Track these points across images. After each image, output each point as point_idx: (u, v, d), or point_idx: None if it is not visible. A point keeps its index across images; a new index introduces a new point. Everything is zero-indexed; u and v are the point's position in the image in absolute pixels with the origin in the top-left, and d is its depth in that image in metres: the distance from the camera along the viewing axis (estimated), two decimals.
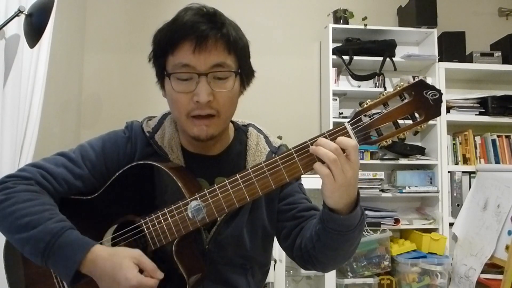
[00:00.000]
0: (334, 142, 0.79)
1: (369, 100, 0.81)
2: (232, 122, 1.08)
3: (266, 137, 1.09)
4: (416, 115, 0.80)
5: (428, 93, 0.79)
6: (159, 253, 0.89)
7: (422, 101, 0.79)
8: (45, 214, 0.87)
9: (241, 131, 1.09)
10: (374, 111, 0.82)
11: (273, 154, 1.04)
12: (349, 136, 0.81)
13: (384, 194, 2.91)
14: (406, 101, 0.80)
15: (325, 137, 0.82)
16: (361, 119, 0.81)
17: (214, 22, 0.89)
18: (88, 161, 0.98)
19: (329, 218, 0.85)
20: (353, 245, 0.92)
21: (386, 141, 0.82)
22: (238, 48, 0.93)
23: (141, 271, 0.83)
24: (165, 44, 0.91)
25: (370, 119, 0.81)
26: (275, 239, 1.09)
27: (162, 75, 0.95)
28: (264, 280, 1.11)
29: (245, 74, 0.98)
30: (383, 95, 0.81)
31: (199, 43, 0.87)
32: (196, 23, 0.88)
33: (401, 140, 0.83)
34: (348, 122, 0.82)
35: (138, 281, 0.81)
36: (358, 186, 0.84)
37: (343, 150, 0.78)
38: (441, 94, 0.79)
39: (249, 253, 1.01)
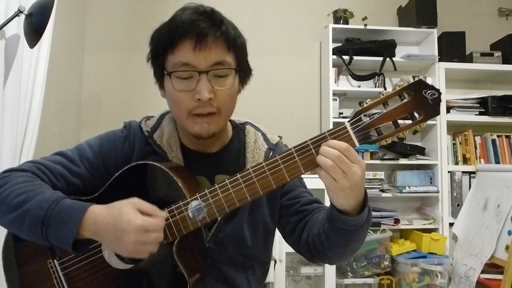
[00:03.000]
0: (324, 147, 0.79)
1: (369, 99, 0.82)
2: (230, 120, 1.09)
3: (263, 135, 1.09)
4: (416, 114, 0.81)
5: (427, 92, 0.79)
6: (159, 252, 0.88)
7: (421, 100, 0.80)
8: (41, 189, 0.88)
9: (239, 129, 1.10)
10: (373, 111, 0.82)
11: (271, 151, 1.06)
12: (349, 136, 0.82)
13: (384, 194, 2.91)
14: (405, 100, 0.81)
15: (325, 137, 0.82)
16: (361, 119, 0.82)
17: (213, 20, 0.90)
18: (85, 159, 0.98)
19: (338, 219, 0.85)
20: (361, 240, 0.92)
21: (386, 141, 0.82)
22: (237, 45, 0.93)
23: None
24: (164, 43, 0.91)
25: (370, 119, 0.81)
26: (279, 236, 1.10)
27: (161, 74, 0.95)
28: (265, 279, 1.12)
29: (244, 72, 0.98)
30: (383, 94, 0.81)
31: (199, 41, 0.87)
32: (195, 21, 0.88)
33: (400, 139, 0.83)
34: (348, 121, 0.83)
35: (142, 221, 0.80)
36: None
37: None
38: (440, 93, 0.79)
39: (250, 251, 1.02)
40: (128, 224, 0.79)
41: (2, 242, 1.00)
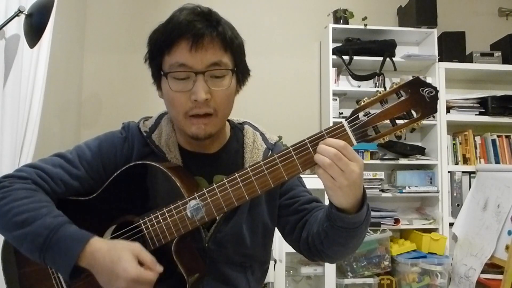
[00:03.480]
0: (321, 145, 0.79)
1: (366, 98, 0.82)
2: (228, 120, 1.09)
3: (262, 134, 1.09)
4: (413, 112, 0.81)
5: (424, 90, 0.79)
6: (158, 253, 0.88)
7: (419, 98, 0.80)
8: (42, 211, 0.87)
9: (237, 129, 1.10)
10: (371, 109, 0.82)
11: (270, 151, 1.06)
12: (346, 134, 0.82)
13: (384, 194, 2.91)
14: (402, 98, 0.81)
15: (323, 135, 0.82)
16: (358, 117, 0.82)
17: (209, 21, 0.90)
18: (85, 161, 0.98)
19: (337, 217, 0.85)
20: (361, 238, 0.93)
21: (383, 139, 0.82)
22: (234, 46, 0.93)
23: (140, 264, 0.83)
24: (161, 44, 0.91)
25: (367, 117, 0.81)
26: (280, 235, 1.10)
27: (158, 75, 0.95)
28: (264, 279, 1.12)
29: (241, 73, 0.98)
30: (380, 93, 0.81)
31: (196, 41, 0.87)
32: (192, 22, 0.88)
33: (398, 138, 0.83)
34: (346, 120, 0.83)
35: (137, 273, 0.80)
36: None
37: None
38: (437, 91, 0.79)
39: (249, 251, 1.02)
40: (123, 271, 0.80)
41: (2, 242, 1.01)
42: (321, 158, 0.79)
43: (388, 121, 0.82)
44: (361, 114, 0.82)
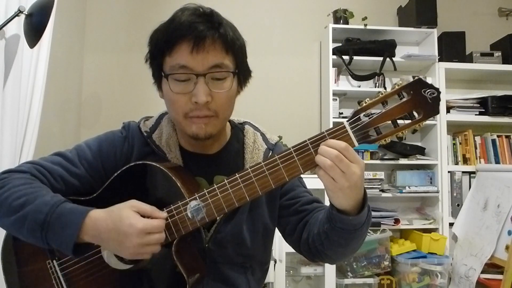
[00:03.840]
0: (323, 147, 0.79)
1: (368, 99, 0.81)
2: (229, 120, 1.08)
3: (262, 134, 1.09)
4: (415, 113, 0.80)
5: (426, 91, 0.79)
6: (159, 253, 0.88)
7: (420, 99, 0.79)
8: (41, 192, 0.88)
9: (238, 129, 1.09)
10: (373, 110, 0.82)
11: (270, 151, 1.05)
12: (348, 135, 0.81)
13: (384, 194, 2.91)
14: (404, 99, 0.80)
15: (324, 136, 0.82)
16: (360, 118, 0.81)
17: (211, 22, 0.89)
18: (84, 160, 0.98)
19: (337, 219, 0.85)
20: (361, 239, 0.92)
21: (385, 140, 0.82)
22: (236, 48, 0.92)
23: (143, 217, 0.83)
24: (162, 45, 0.90)
25: (369, 118, 0.81)
26: (280, 235, 1.10)
27: (159, 76, 0.95)
28: (264, 279, 1.11)
29: (243, 74, 0.98)
30: (382, 94, 0.81)
31: (197, 43, 0.87)
32: (193, 23, 0.87)
33: (399, 139, 0.83)
34: (347, 121, 0.82)
35: (143, 224, 0.80)
36: None
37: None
38: (439, 92, 0.79)
39: (249, 251, 1.01)
40: (129, 227, 0.80)
41: (2, 242, 1.00)
42: (322, 159, 0.78)
43: (389, 122, 0.81)
44: (362, 115, 0.81)
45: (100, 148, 1.00)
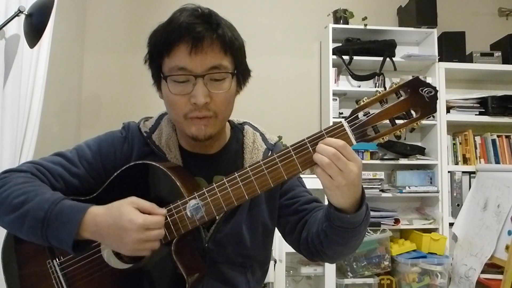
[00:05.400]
0: (320, 145, 0.80)
1: (366, 98, 0.82)
2: (228, 121, 1.08)
3: (262, 135, 1.09)
4: (412, 112, 0.81)
5: (424, 90, 0.79)
6: (158, 252, 0.89)
7: (418, 98, 0.80)
8: (41, 190, 0.88)
9: (237, 129, 1.10)
10: (371, 109, 0.82)
11: (270, 151, 1.06)
12: (346, 134, 0.82)
13: (384, 194, 2.91)
14: (402, 98, 0.81)
15: (322, 135, 0.82)
16: (357, 117, 0.82)
17: (209, 23, 0.89)
18: (84, 160, 0.99)
19: (336, 217, 0.85)
20: (360, 238, 0.93)
21: (383, 138, 0.83)
22: (234, 48, 0.92)
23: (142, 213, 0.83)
24: (161, 46, 0.90)
25: (367, 117, 0.81)
26: (280, 235, 1.10)
27: (158, 77, 0.95)
28: (264, 279, 1.12)
29: (242, 74, 0.98)
30: (379, 92, 0.81)
31: (195, 44, 0.87)
32: (192, 25, 0.87)
33: (397, 138, 0.83)
34: (345, 119, 0.83)
35: (143, 219, 0.81)
36: None
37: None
38: (436, 91, 0.80)
39: (249, 251, 1.02)
40: (129, 223, 0.80)
41: (2, 242, 1.01)
42: (320, 157, 0.79)
43: (387, 121, 0.82)
44: (360, 114, 0.82)
45: (100, 148, 1.01)
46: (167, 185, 0.90)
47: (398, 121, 0.81)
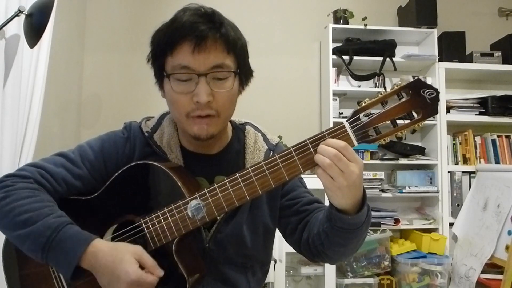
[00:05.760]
0: (322, 146, 0.80)
1: (367, 99, 0.82)
2: (230, 121, 1.08)
3: (263, 135, 1.09)
4: (414, 113, 0.81)
5: (425, 92, 0.79)
6: (159, 252, 0.89)
7: (419, 100, 0.80)
8: (44, 210, 0.87)
9: (239, 130, 1.10)
10: (372, 110, 0.82)
11: (271, 152, 1.05)
12: (347, 135, 0.82)
13: (384, 194, 2.91)
14: (403, 100, 0.81)
15: (324, 136, 0.82)
16: (359, 118, 0.82)
17: (213, 22, 0.89)
18: (87, 161, 0.99)
19: (337, 218, 0.85)
20: (361, 239, 0.93)
21: (384, 140, 0.83)
22: (237, 48, 0.93)
23: (141, 267, 0.83)
24: (164, 45, 0.91)
25: (368, 118, 0.82)
26: (280, 235, 1.10)
27: (161, 76, 0.95)
28: (264, 279, 1.12)
29: (244, 74, 0.98)
30: (381, 94, 0.81)
31: (198, 43, 0.87)
32: (195, 23, 0.88)
33: (399, 139, 0.83)
34: (347, 121, 0.83)
35: (138, 276, 0.80)
36: None
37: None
38: (438, 93, 0.80)
39: (249, 252, 1.02)
40: (124, 274, 0.80)
41: (3, 242, 1.01)
42: (321, 158, 0.79)
43: (389, 122, 0.82)
44: (362, 115, 0.82)
45: (102, 148, 1.01)
46: (168, 185, 0.90)
47: (399, 122, 0.81)
